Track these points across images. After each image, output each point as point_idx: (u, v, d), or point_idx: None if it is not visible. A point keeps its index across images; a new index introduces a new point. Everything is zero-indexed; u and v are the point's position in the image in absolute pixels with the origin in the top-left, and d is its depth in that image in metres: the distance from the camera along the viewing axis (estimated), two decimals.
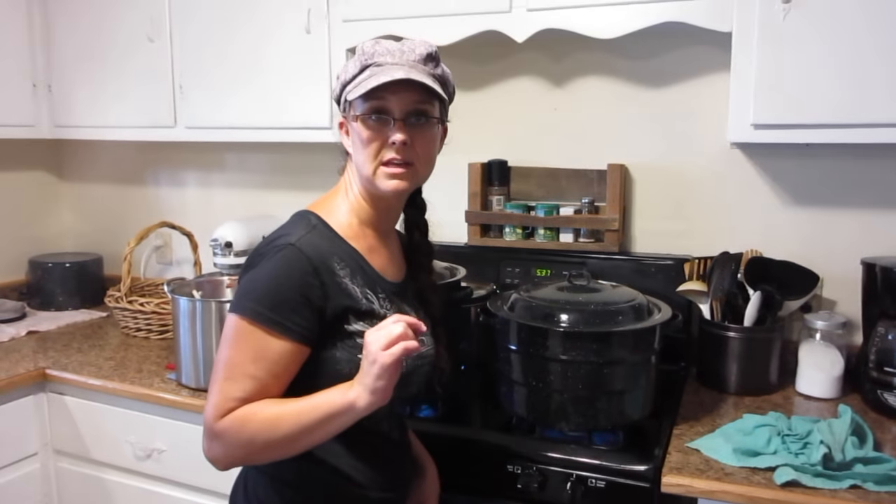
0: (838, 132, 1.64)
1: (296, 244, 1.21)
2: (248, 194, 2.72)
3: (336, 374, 1.22)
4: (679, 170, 2.12)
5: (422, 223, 1.44)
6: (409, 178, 1.26)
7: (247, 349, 1.18)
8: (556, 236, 2.17)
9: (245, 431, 1.17)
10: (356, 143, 1.26)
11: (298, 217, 1.31)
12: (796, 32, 1.62)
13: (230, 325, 1.20)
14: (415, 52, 1.25)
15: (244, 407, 1.17)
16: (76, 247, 3.05)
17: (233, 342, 1.19)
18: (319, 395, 1.17)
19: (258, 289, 1.20)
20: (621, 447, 1.57)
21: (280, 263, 1.20)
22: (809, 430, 1.53)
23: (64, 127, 2.60)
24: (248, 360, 1.18)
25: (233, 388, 1.17)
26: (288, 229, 1.26)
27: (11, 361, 2.16)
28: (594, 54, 2.15)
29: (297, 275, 1.19)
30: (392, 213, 1.37)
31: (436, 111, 1.28)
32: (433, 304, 1.43)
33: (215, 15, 2.24)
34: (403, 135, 1.22)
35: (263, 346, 1.18)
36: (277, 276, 1.19)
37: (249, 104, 2.23)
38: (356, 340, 1.23)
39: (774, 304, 1.87)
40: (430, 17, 1.94)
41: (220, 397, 1.18)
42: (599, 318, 1.55)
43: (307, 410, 1.16)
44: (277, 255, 1.20)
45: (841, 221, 1.97)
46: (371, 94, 1.21)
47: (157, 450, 1.99)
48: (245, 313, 1.19)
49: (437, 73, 1.27)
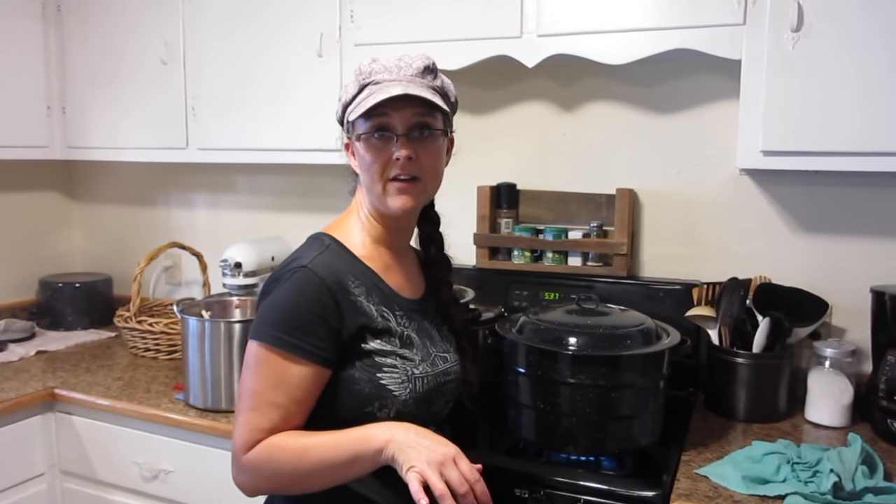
0: (849, 160, 1.65)
1: (308, 266, 1.21)
2: (258, 216, 2.73)
3: (356, 393, 1.22)
4: (688, 195, 2.12)
5: (437, 237, 1.44)
6: (417, 193, 1.26)
7: (268, 376, 1.18)
8: (565, 260, 2.17)
9: (271, 465, 1.17)
10: (362, 163, 1.26)
11: (312, 239, 1.31)
12: (806, 61, 1.63)
13: (250, 353, 1.21)
14: (412, 66, 1.24)
15: (270, 439, 1.17)
16: (86, 267, 3.07)
17: (254, 370, 1.20)
18: (347, 434, 1.17)
19: (274, 314, 1.20)
20: (629, 472, 1.56)
21: (294, 286, 1.20)
22: (819, 459, 1.51)
23: (77, 148, 2.63)
24: (269, 388, 1.18)
25: (259, 419, 1.18)
26: (302, 252, 1.27)
27: (20, 381, 2.17)
28: (604, 80, 2.16)
29: (311, 296, 1.19)
30: (405, 231, 1.37)
31: (439, 123, 1.27)
32: (456, 318, 1.43)
33: (228, 38, 2.27)
34: (407, 150, 1.21)
35: (283, 371, 1.18)
36: (292, 299, 1.20)
37: (261, 126, 2.26)
38: (374, 359, 1.23)
39: (783, 331, 1.86)
40: (442, 41, 1.96)
41: (247, 429, 1.18)
42: (608, 342, 1.54)
43: (332, 447, 1.16)
44: (291, 278, 1.21)
45: (850, 249, 1.97)
46: (371, 112, 1.21)
47: (164, 471, 1.99)
48: (263, 339, 1.19)
49: (437, 84, 1.27)
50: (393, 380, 1.24)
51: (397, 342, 1.27)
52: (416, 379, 1.27)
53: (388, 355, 1.25)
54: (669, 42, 1.77)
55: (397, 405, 1.24)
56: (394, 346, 1.26)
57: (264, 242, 2.40)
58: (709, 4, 1.71)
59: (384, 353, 1.25)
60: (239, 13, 2.24)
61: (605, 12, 1.81)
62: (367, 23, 2.06)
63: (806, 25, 1.62)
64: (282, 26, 2.18)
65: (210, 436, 1.89)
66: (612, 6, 1.80)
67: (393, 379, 1.24)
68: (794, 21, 1.62)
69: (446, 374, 1.33)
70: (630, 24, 1.79)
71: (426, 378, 1.28)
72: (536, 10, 1.86)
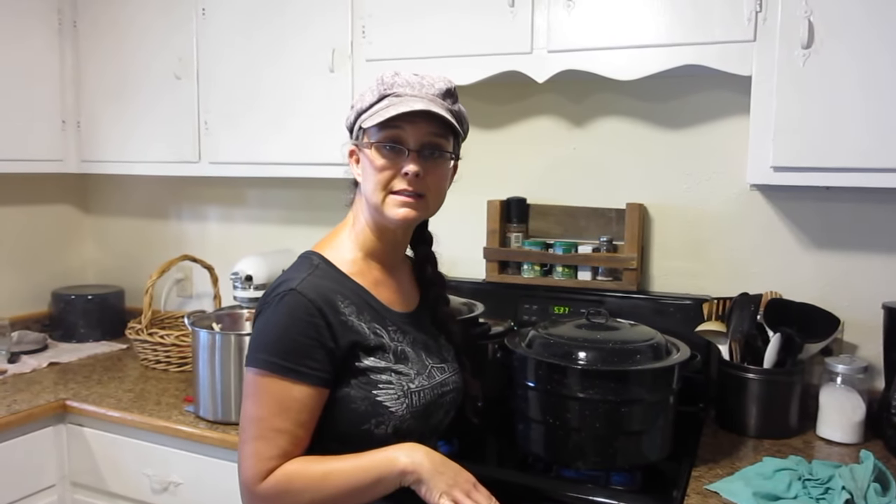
0: (860, 176, 1.64)
1: (297, 289, 1.20)
2: (269, 229, 2.75)
3: (352, 411, 1.22)
4: (698, 210, 2.12)
5: (432, 257, 1.44)
6: (420, 208, 1.25)
7: (269, 403, 1.18)
8: (574, 274, 2.18)
9: (290, 494, 1.17)
10: (367, 170, 1.26)
11: (302, 259, 1.31)
12: (816, 77, 1.64)
13: (248, 381, 1.20)
14: (434, 87, 1.25)
15: (285, 467, 1.17)
16: (98, 279, 3.09)
17: (254, 398, 1.19)
18: (368, 458, 1.18)
19: (267, 340, 1.20)
20: (639, 488, 1.55)
21: (284, 311, 1.19)
22: (831, 476, 1.50)
23: (91, 162, 2.66)
24: (273, 415, 1.17)
25: (266, 447, 1.17)
26: (291, 274, 1.26)
27: (32, 393, 2.18)
28: (614, 95, 2.17)
29: (302, 319, 1.19)
30: (398, 246, 1.37)
31: (450, 146, 1.28)
32: (454, 332, 1.43)
33: (241, 54, 2.30)
34: (417, 166, 1.21)
35: (284, 396, 1.17)
36: (283, 323, 1.19)
37: (273, 141, 2.27)
38: (369, 376, 1.23)
39: (794, 347, 1.85)
40: (453, 57, 1.98)
41: (256, 459, 1.17)
42: (618, 357, 1.54)
43: (354, 472, 1.17)
44: (280, 302, 1.20)
45: (862, 265, 1.96)
46: (388, 123, 1.21)
47: (173, 483, 1.99)
48: (259, 366, 1.18)
49: (455, 108, 1.28)
50: (388, 396, 1.24)
51: (391, 358, 1.26)
52: (412, 393, 1.26)
53: (383, 372, 1.25)
54: (680, 58, 1.77)
55: (394, 421, 1.24)
56: (388, 361, 1.26)
57: (275, 255, 2.41)
58: (719, 21, 1.72)
59: (379, 369, 1.24)
60: (252, 29, 2.27)
61: (616, 28, 1.82)
62: (378, 39, 2.08)
63: (816, 42, 1.62)
64: (294, 42, 2.20)
65: (220, 448, 1.90)
66: (623, 22, 1.81)
67: (389, 395, 1.24)
68: (804, 38, 1.62)
69: (444, 386, 1.33)
70: (640, 41, 1.80)
71: (422, 392, 1.28)
72: (547, 27, 1.87)
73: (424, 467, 1.17)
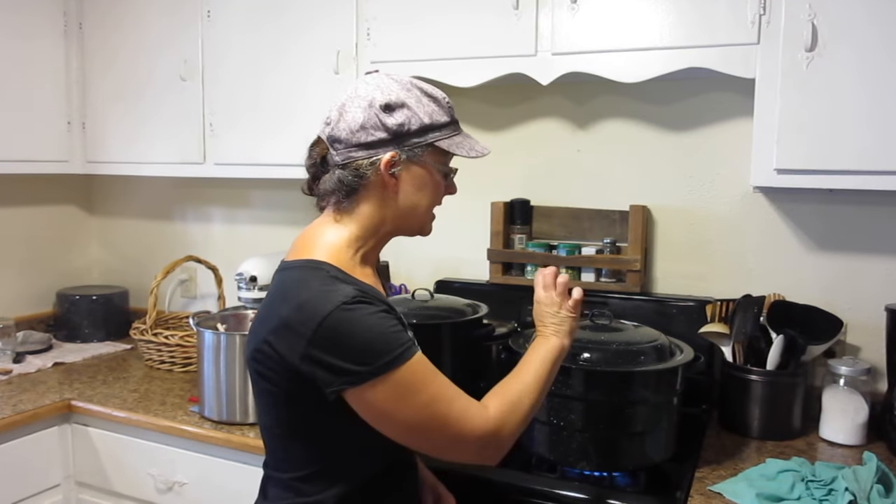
0: (863, 178, 1.65)
1: (350, 296, 1.16)
2: (274, 230, 2.76)
3: None
4: (701, 212, 2.13)
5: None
6: None
7: (427, 373, 1.18)
8: (578, 276, 2.18)
9: (520, 407, 1.23)
10: (425, 188, 1.29)
11: (310, 272, 1.26)
12: (820, 80, 1.64)
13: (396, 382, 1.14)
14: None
15: (490, 397, 1.24)
16: (103, 280, 3.10)
17: (413, 385, 1.16)
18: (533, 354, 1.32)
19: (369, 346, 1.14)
20: (643, 489, 1.56)
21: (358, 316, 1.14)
22: (834, 477, 1.51)
23: (96, 163, 2.67)
24: (439, 378, 1.19)
25: (465, 401, 1.20)
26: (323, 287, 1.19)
27: (38, 393, 2.19)
28: (618, 97, 2.18)
29: (378, 314, 1.16)
30: None
31: None
32: None
33: (247, 55, 2.31)
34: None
35: (425, 368, 1.18)
36: (371, 324, 1.15)
37: (278, 142, 2.28)
38: None
39: (797, 349, 1.86)
40: (457, 59, 1.99)
41: (471, 412, 1.19)
42: (621, 358, 1.55)
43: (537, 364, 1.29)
44: (354, 313, 1.14)
45: (865, 267, 1.97)
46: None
47: (178, 482, 2.00)
48: (392, 365, 1.14)
49: None
50: None
51: None
52: None
53: None
54: (683, 61, 1.78)
55: None
56: None
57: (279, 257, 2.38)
58: (723, 24, 1.72)
59: None
60: (256, 31, 2.28)
61: (620, 31, 1.82)
62: (383, 41, 2.08)
63: (820, 45, 1.63)
64: (299, 44, 2.21)
65: (225, 448, 1.90)
66: (627, 25, 1.81)
67: None
68: (808, 41, 1.63)
69: None
70: (644, 43, 1.80)
71: None
72: (551, 29, 1.88)
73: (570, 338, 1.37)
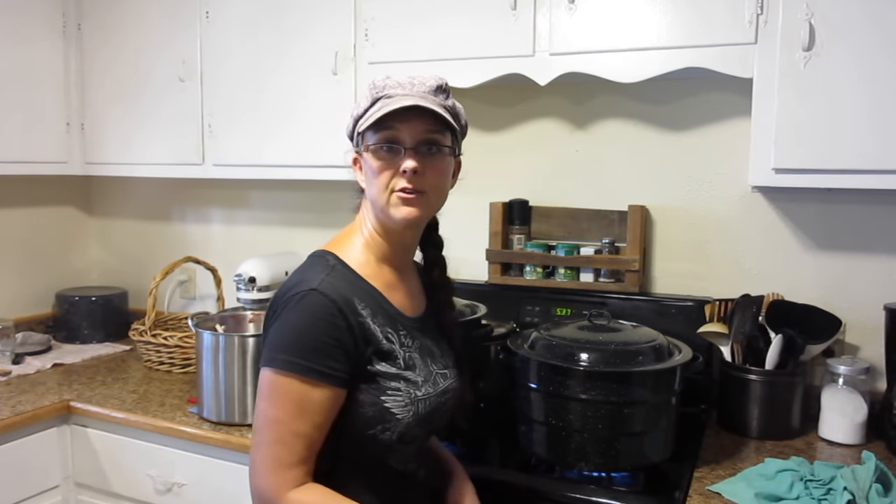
0: (860, 178, 1.65)
1: (318, 288, 1.19)
2: (272, 231, 2.76)
3: (360, 416, 1.22)
4: (700, 212, 2.13)
5: (441, 261, 1.44)
6: (422, 205, 1.25)
7: (288, 404, 1.16)
8: (577, 276, 2.18)
9: None
10: (369, 174, 1.26)
11: (316, 259, 1.29)
12: (818, 80, 1.64)
13: (265, 381, 1.18)
14: (425, 85, 1.26)
15: (311, 493, 1.16)
16: (102, 281, 3.10)
17: (271, 399, 1.17)
18: None
19: (287, 339, 1.18)
20: (641, 489, 1.56)
21: (305, 310, 1.18)
22: (833, 477, 1.51)
23: (95, 164, 2.67)
24: (292, 417, 1.15)
25: (284, 452, 1.15)
26: (307, 274, 1.24)
27: (37, 394, 2.19)
28: (616, 97, 2.18)
29: (324, 319, 1.17)
30: (408, 249, 1.37)
31: (447, 141, 1.27)
32: (456, 337, 1.43)
33: (245, 56, 2.31)
34: (415, 162, 1.21)
35: (304, 397, 1.15)
36: (305, 323, 1.18)
37: (276, 143, 2.28)
38: (379, 382, 1.23)
39: (796, 348, 1.86)
40: (455, 60, 1.99)
41: (276, 466, 1.15)
42: (620, 358, 1.55)
43: None
44: (301, 302, 1.18)
45: (864, 266, 1.97)
46: (381, 125, 1.21)
47: (177, 483, 2.00)
48: (278, 366, 1.16)
49: (448, 104, 1.28)
50: (396, 403, 1.23)
51: (401, 364, 1.26)
52: (419, 401, 1.26)
53: (393, 378, 1.24)
54: (681, 60, 1.78)
55: (400, 428, 1.24)
56: (398, 368, 1.25)
57: (278, 257, 2.42)
58: (721, 24, 1.72)
59: (389, 375, 1.24)
60: (255, 32, 2.28)
61: (617, 31, 1.82)
62: (381, 41, 2.08)
63: (817, 45, 1.63)
64: (297, 45, 2.21)
65: (223, 449, 1.90)
66: (624, 25, 1.81)
67: (396, 402, 1.23)
68: (805, 40, 1.63)
69: (446, 393, 1.33)
70: (642, 43, 1.80)
71: (428, 399, 1.28)
72: (549, 30, 1.88)
73: None
